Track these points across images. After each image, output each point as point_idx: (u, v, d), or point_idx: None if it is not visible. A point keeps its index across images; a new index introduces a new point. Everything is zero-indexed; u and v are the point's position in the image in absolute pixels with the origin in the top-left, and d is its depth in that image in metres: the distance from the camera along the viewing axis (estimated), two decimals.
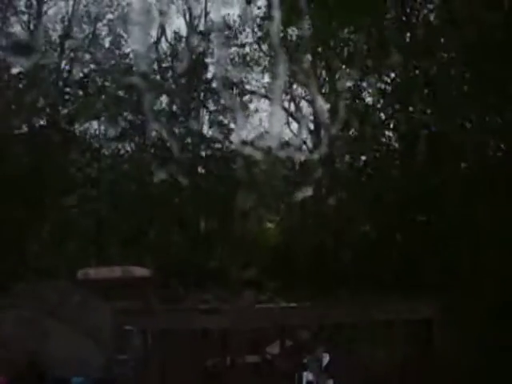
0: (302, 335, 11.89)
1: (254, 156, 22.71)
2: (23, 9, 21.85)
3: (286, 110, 23.33)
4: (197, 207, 21.60)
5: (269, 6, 20.85)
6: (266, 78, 23.03)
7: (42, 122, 21.30)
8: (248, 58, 22.65)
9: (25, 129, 21.01)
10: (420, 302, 10.37)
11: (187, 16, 23.09)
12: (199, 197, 21.44)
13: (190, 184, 21.19)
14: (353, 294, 13.96)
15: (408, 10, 19.31)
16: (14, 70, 21.07)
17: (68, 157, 21.30)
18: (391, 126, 19.67)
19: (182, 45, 22.76)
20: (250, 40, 22.64)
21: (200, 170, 22.56)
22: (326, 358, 11.05)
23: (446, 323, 10.29)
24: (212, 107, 22.74)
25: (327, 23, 18.45)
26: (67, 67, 22.00)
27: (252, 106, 23.99)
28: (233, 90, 22.95)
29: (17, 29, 21.80)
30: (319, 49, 20.10)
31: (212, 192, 21.78)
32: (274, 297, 15.60)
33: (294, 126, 23.57)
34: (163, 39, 22.82)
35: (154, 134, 21.70)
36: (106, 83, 21.53)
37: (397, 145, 20.56)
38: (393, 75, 19.20)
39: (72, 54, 21.88)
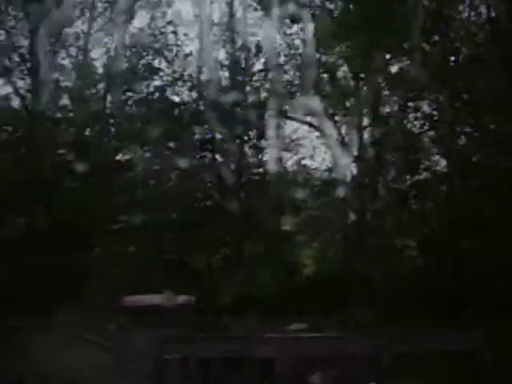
0: (347, 365, 11.59)
1: (298, 181, 22.64)
2: (71, 42, 22.39)
3: (329, 136, 23.19)
4: (239, 233, 21.52)
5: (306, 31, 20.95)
6: (309, 104, 22.96)
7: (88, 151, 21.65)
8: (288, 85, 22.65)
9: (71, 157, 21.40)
10: (469, 331, 10.00)
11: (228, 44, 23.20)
12: (242, 222, 21.38)
13: (232, 209, 21.17)
14: (399, 324, 13.56)
15: (450, 32, 19.11)
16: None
17: (114, 184, 21.59)
18: (437, 150, 19.38)
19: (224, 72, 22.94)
20: (289, 66, 22.67)
21: (243, 194, 22.48)
22: None
23: (496, 352, 9.88)
24: (255, 132, 22.77)
25: (368, 47, 18.37)
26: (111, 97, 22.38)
27: (295, 132, 23.96)
28: (279, 116, 22.98)
29: (65, 62, 22.40)
30: (361, 73, 19.95)
31: (255, 217, 21.70)
32: (318, 325, 15.29)
33: (338, 151, 23.40)
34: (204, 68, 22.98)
35: (197, 160, 21.89)
36: (148, 112, 21.79)
37: (444, 169, 20.24)
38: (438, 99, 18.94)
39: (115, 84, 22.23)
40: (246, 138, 22.23)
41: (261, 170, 22.78)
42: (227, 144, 22.12)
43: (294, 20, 20.64)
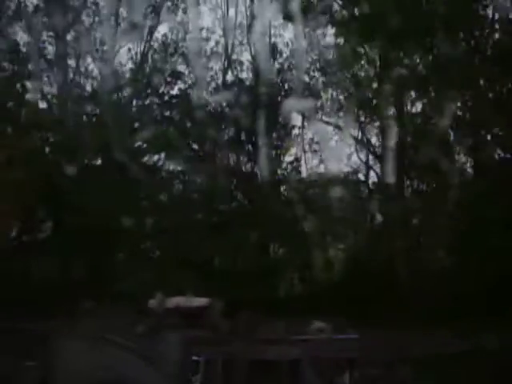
0: (373, 367, 11.58)
1: (323, 182, 22.62)
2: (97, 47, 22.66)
3: (354, 137, 23.17)
4: (265, 234, 21.59)
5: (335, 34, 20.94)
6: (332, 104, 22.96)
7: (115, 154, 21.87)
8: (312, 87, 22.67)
9: (99, 161, 21.68)
10: (492, 332, 9.95)
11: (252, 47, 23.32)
12: (268, 223, 21.43)
13: (258, 210, 21.25)
14: (426, 326, 13.49)
15: (476, 33, 18.96)
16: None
17: (140, 187, 21.79)
18: (463, 151, 19.24)
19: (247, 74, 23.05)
20: (313, 67, 22.70)
21: (268, 195, 22.52)
22: None
23: None
24: (279, 134, 22.84)
25: (394, 49, 18.32)
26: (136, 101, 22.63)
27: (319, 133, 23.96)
28: (303, 118, 23.06)
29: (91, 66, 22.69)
30: (386, 74, 19.89)
31: (280, 218, 21.74)
32: (344, 327, 15.28)
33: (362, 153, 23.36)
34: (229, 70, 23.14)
35: (219, 162, 22.06)
36: (173, 115, 21.98)
37: (470, 170, 20.10)
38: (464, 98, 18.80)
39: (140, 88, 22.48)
40: (268, 139, 22.28)
41: (284, 171, 22.86)
42: (249, 145, 22.24)
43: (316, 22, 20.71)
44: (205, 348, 11.06)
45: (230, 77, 23.23)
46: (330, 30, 21.05)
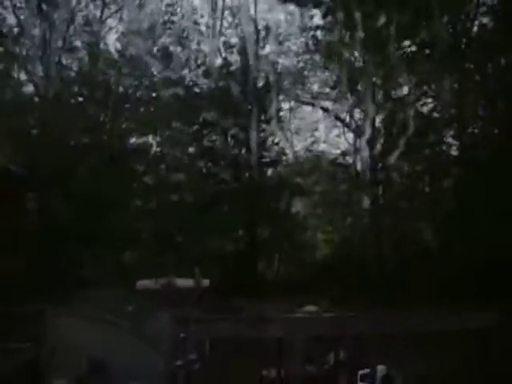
0: (358, 346, 11.76)
1: (309, 166, 22.76)
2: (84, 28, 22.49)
3: (340, 119, 23.29)
4: (253, 216, 21.72)
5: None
6: (320, 88, 23.04)
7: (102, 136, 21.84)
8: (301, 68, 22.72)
9: (87, 141, 21.62)
10: (477, 310, 10.14)
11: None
12: (256, 206, 21.57)
13: (245, 193, 21.36)
14: (410, 304, 13.74)
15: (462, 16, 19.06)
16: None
17: (128, 169, 21.79)
18: (450, 133, 19.40)
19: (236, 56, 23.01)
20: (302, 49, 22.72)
21: (255, 178, 22.63)
22: (382, 371, 10.90)
23: (505, 332, 10.02)
24: (267, 116, 22.88)
25: (381, 30, 18.38)
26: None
27: (307, 116, 24.08)
28: (289, 100, 23.11)
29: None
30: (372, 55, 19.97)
31: (268, 201, 21.89)
32: (331, 306, 15.51)
33: (349, 135, 23.50)
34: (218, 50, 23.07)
35: (206, 142, 22.10)
36: (161, 95, 21.91)
37: (456, 153, 20.26)
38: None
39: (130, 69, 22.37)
40: (258, 121, 22.34)
41: (273, 153, 22.96)
42: (239, 128, 22.28)
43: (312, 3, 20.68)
44: (194, 327, 11.18)
45: (218, 59, 23.16)
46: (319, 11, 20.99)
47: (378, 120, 20.96)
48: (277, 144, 23.16)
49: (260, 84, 22.43)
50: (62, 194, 18.89)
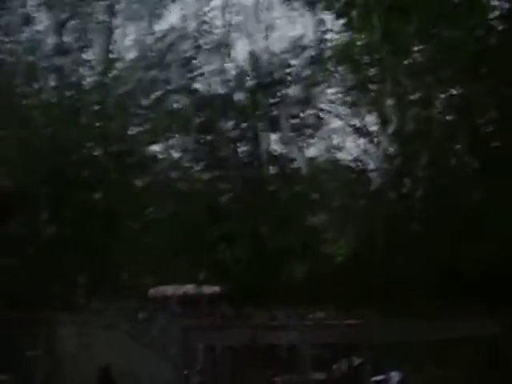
0: (370, 353, 11.72)
1: (322, 172, 22.65)
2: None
3: (352, 125, 23.15)
4: (265, 224, 21.66)
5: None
6: (332, 94, 22.94)
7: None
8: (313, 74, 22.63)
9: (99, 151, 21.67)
10: (487, 318, 10.07)
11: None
12: (267, 213, 21.51)
13: (258, 201, 21.31)
14: (419, 312, 13.63)
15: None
16: None
17: (137, 177, 21.81)
18: (459, 139, 19.25)
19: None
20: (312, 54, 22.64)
21: (269, 187, 22.58)
22: (395, 378, 10.87)
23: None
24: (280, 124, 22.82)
25: (393, 34, 18.33)
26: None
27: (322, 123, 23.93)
28: (303, 107, 23.02)
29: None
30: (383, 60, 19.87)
31: (280, 209, 21.81)
32: (342, 314, 15.45)
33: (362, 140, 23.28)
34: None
35: (221, 152, 22.06)
36: (175, 104, 21.95)
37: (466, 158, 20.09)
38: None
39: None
40: (271, 128, 22.32)
41: (287, 161, 22.88)
42: (253, 135, 22.25)
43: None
44: (206, 335, 11.20)
45: (229, 63, 23.07)
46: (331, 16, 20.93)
47: (396, 128, 20.69)
48: (290, 151, 23.07)
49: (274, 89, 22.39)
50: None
